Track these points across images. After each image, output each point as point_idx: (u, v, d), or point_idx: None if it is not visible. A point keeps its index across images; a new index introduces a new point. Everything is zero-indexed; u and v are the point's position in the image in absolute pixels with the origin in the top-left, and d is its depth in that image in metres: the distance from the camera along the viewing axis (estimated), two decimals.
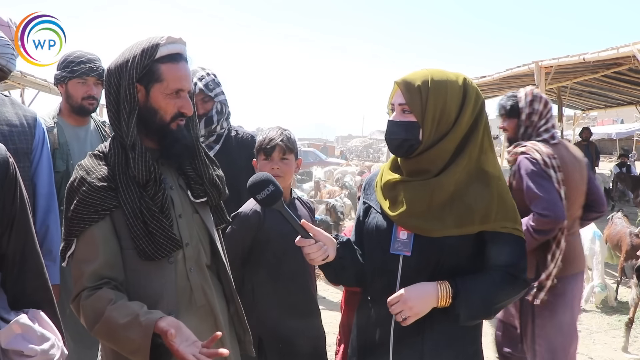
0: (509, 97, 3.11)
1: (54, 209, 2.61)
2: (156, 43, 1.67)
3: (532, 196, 2.81)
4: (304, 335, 2.44)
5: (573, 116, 20.17)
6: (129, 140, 1.66)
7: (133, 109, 1.65)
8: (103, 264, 1.59)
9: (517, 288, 1.75)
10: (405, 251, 1.75)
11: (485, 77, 11.74)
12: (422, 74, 1.75)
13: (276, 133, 2.49)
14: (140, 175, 1.65)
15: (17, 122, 2.44)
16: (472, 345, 1.83)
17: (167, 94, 1.68)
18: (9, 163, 1.50)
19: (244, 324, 1.95)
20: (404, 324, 1.68)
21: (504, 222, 1.71)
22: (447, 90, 1.71)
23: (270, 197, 1.73)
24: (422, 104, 1.70)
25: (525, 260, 1.80)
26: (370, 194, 1.94)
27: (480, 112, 1.76)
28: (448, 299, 1.66)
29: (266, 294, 2.39)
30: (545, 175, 2.83)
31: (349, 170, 17.14)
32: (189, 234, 1.77)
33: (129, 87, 1.65)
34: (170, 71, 1.68)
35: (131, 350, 1.50)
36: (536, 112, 3.02)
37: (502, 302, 1.76)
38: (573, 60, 8.51)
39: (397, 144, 1.76)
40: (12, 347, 1.37)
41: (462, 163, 1.71)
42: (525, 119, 3.03)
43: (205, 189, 1.83)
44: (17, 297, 1.54)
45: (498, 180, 1.76)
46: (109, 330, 1.53)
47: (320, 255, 1.75)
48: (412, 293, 1.67)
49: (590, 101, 15.86)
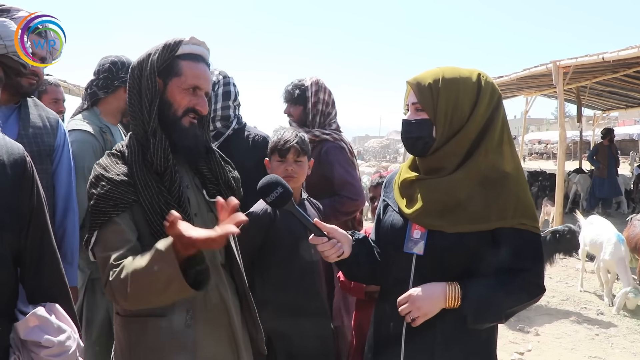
0: (295, 85, 3.29)
1: (73, 210, 2.63)
2: (179, 40, 1.75)
3: (343, 182, 3.10)
4: (312, 335, 2.45)
5: (593, 117, 19.91)
6: (151, 127, 1.71)
7: (155, 97, 1.71)
8: (127, 250, 1.59)
9: (532, 294, 1.73)
10: (417, 250, 1.74)
11: (503, 77, 11.64)
12: (433, 72, 1.76)
13: (291, 135, 2.51)
14: (159, 161, 1.69)
15: (40, 124, 2.49)
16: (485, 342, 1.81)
17: (184, 89, 1.73)
18: (27, 162, 1.54)
19: (257, 322, 1.97)
20: (413, 324, 1.69)
21: (522, 219, 1.68)
22: (459, 87, 1.71)
23: (280, 199, 1.76)
24: (434, 101, 1.71)
25: (542, 264, 1.78)
26: (389, 192, 1.95)
27: (497, 107, 1.75)
28: (457, 300, 1.65)
29: (275, 293, 2.40)
30: (352, 163, 3.23)
31: (365, 171, 17.12)
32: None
33: (150, 77, 1.71)
34: (190, 68, 1.74)
35: (166, 282, 1.42)
36: (322, 101, 3.27)
37: (514, 308, 1.73)
38: (592, 60, 8.39)
39: (411, 142, 1.77)
40: (30, 337, 1.42)
41: (478, 159, 1.70)
42: (312, 107, 3.25)
43: (220, 189, 1.86)
44: (35, 291, 1.59)
45: (517, 177, 1.74)
46: (140, 281, 1.47)
47: (334, 252, 1.76)
48: (421, 293, 1.67)
49: (610, 101, 15.63)
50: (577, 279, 6.91)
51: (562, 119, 9.68)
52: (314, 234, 1.76)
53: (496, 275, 1.69)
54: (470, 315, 1.66)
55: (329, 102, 3.30)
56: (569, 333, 5.30)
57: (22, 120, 2.42)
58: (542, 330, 5.32)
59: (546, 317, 5.74)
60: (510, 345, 4.93)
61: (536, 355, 4.75)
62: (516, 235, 1.68)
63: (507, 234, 1.68)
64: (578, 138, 16.85)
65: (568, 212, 11.35)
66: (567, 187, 12.16)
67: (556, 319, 5.68)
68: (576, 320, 5.64)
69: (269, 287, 2.42)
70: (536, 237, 1.73)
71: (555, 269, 7.06)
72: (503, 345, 4.84)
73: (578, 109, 13.92)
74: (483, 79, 1.75)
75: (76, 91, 13.34)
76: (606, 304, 6.15)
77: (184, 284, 1.40)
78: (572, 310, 5.98)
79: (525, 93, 15.09)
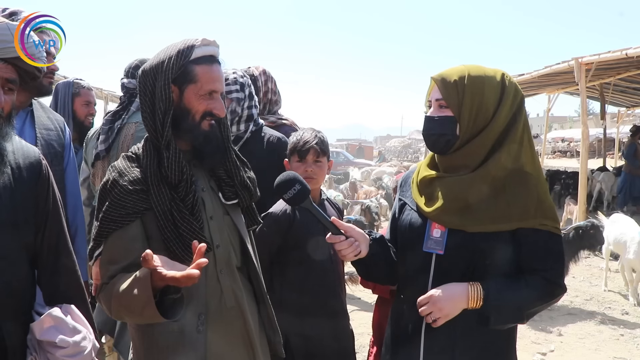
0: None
1: (81, 208, 2.73)
2: (191, 44, 1.69)
3: None
4: (331, 336, 2.44)
5: (617, 114, 19.54)
6: (164, 140, 1.69)
7: (168, 109, 1.67)
8: (128, 265, 1.61)
9: (553, 294, 1.71)
10: (438, 249, 1.72)
11: (524, 75, 11.49)
12: (459, 69, 1.74)
13: (310, 135, 2.49)
14: (173, 175, 1.67)
15: (51, 126, 2.56)
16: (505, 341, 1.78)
17: (201, 95, 1.71)
18: (42, 165, 1.57)
19: (274, 325, 1.96)
20: (434, 325, 1.67)
21: (543, 220, 1.67)
22: (484, 85, 1.70)
23: (298, 196, 1.75)
24: (459, 98, 1.69)
25: (562, 264, 1.76)
26: (406, 191, 1.93)
27: (520, 108, 1.73)
28: (479, 301, 1.63)
29: (294, 294, 2.40)
30: None
31: (386, 171, 17.08)
32: (220, 236, 1.79)
33: (164, 88, 1.67)
34: (205, 73, 1.70)
35: (141, 307, 1.45)
36: (271, 91, 3.31)
37: (535, 308, 1.72)
38: (615, 56, 8.23)
39: (434, 139, 1.75)
40: (46, 338, 1.44)
41: (500, 159, 1.68)
42: (263, 97, 3.27)
43: (236, 191, 1.84)
44: (52, 293, 1.62)
45: (537, 178, 1.73)
46: (120, 301, 1.52)
47: (351, 251, 1.74)
48: (442, 294, 1.65)
49: (635, 98, 15.31)
50: (601, 278, 6.80)
51: (585, 117, 9.51)
52: (332, 233, 1.74)
53: (517, 275, 1.69)
54: (493, 316, 1.64)
55: (276, 90, 3.37)
56: (592, 333, 5.21)
57: (36, 123, 2.47)
58: (565, 331, 5.24)
59: (569, 317, 5.65)
60: (532, 345, 4.86)
61: (559, 356, 4.68)
62: (537, 236, 1.67)
63: (528, 234, 1.67)
64: (602, 135, 16.56)
65: (592, 210, 11.17)
66: (591, 185, 11.95)
67: (580, 319, 5.59)
68: (600, 320, 5.54)
69: (287, 288, 2.41)
70: (557, 238, 1.71)
71: (579, 268, 6.95)
72: (525, 346, 4.78)
73: (602, 106, 13.66)
74: (507, 79, 1.74)
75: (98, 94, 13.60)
76: (631, 303, 6.03)
77: (155, 311, 1.43)
78: (596, 310, 5.88)
79: (548, 91, 14.88)
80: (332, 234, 1.74)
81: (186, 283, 1.37)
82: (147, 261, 1.36)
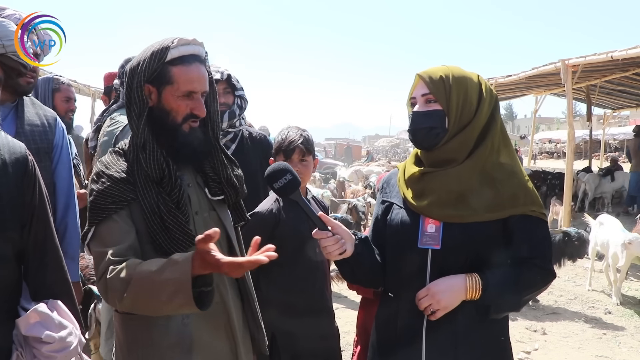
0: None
1: (73, 207, 2.67)
2: (166, 46, 1.67)
3: None
4: (317, 334, 2.45)
5: (603, 115, 19.75)
6: (140, 140, 1.70)
7: (142, 111, 1.68)
8: (126, 247, 1.60)
9: (545, 280, 1.76)
10: (434, 244, 1.73)
11: (512, 76, 11.59)
12: (442, 68, 1.80)
13: (296, 135, 2.50)
14: (153, 172, 1.68)
15: (38, 122, 2.52)
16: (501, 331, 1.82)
17: (178, 96, 1.70)
18: (28, 160, 1.57)
19: (258, 322, 1.96)
20: (432, 318, 1.69)
21: (532, 206, 1.73)
22: (467, 82, 1.77)
23: (288, 186, 1.74)
24: (447, 92, 1.74)
25: (551, 250, 1.82)
26: (391, 192, 1.94)
27: (496, 106, 1.81)
28: (477, 291, 1.66)
29: (280, 293, 2.41)
30: None
31: (374, 170, 17.12)
32: (205, 231, 1.78)
33: (137, 90, 1.68)
34: (181, 74, 1.68)
35: (171, 292, 1.41)
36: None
37: (530, 295, 1.78)
38: (601, 59, 8.32)
39: (424, 133, 1.77)
40: (31, 333, 1.44)
41: (485, 152, 1.74)
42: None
43: (222, 187, 1.85)
44: (38, 288, 1.61)
45: (519, 169, 1.80)
46: (142, 285, 1.46)
47: (337, 249, 1.72)
48: (440, 286, 1.67)
49: (621, 100, 15.50)
50: (585, 278, 6.88)
51: (571, 118, 9.61)
52: (318, 228, 1.73)
53: (511, 264, 1.72)
54: (493, 305, 1.68)
55: None
56: (576, 332, 5.28)
57: (19, 118, 2.44)
58: (550, 330, 5.29)
59: (553, 316, 5.72)
60: (517, 344, 4.90)
61: (543, 355, 4.73)
62: (527, 222, 1.73)
63: (519, 221, 1.72)
64: (588, 137, 16.70)
65: (577, 210, 11.27)
66: (576, 186, 12.05)
67: (564, 318, 5.66)
68: (584, 320, 5.62)
69: (273, 287, 2.42)
70: (545, 224, 1.78)
71: (564, 268, 7.01)
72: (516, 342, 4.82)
73: (588, 108, 13.78)
74: (482, 81, 1.81)
75: (86, 91, 13.46)
76: (614, 302, 6.11)
77: (190, 298, 1.40)
78: (579, 310, 5.95)
79: (535, 92, 15.01)
80: (319, 230, 1.73)
81: (236, 273, 1.38)
82: (206, 240, 1.35)
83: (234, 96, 3.01)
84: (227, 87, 3.00)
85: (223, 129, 2.93)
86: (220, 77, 2.96)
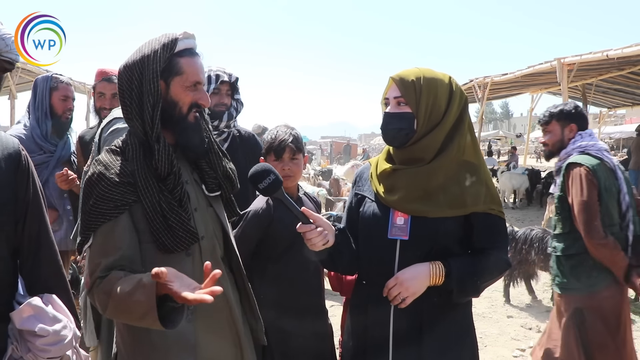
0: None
1: None
2: (175, 37, 1.72)
3: None
4: (310, 332, 2.46)
5: (599, 114, 19.82)
6: (154, 133, 1.69)
7: (157, 102, 1.68)
8: (120, 257, 1.61)
9: (501, 269, 1.96)
10: (402, 235, 1.87)
11: (507, 75, 11.63)
12: (414, 71, 1.91)
13: (285, 133, 2.51)
14: (163, 168, 1.68)
15: None
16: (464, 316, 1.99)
17: (187, 87, 1.73)
18: (21, 156, 1.57)
19: (256, 313, 1.99)
20: (402, 305, 1.82)
21: (492, 205, 1.89)
22: (437, 86, 1.87)
23: (272, 186, 1.80)
24: (417, 96, 1.85)
25: (507, 243, 2.02)
26: (363, 185, 2.08)
27: (465, 108, 1.94)
28: (441, 277, 1.80)
29: (273, 290, 2.40)
30: None
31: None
32: (205, 228, 1.81)
33: (152, 81, 1.67)
34: (189, 64, 1.73)
35: (141, 313, 1.45)
36: None
37: (488, 281, 1.92)
38: (596, 57, 8.37)
39: (393, 133, 1.90)
40: (25, 327, 1.45)
41: (452, 152, 1.86)
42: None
43: (219, 182, 1.87)
44: (33, 282, 1.62)
45: (483, 169, 1.94)
46: (119, 303, 1.50)
47: (320, 240, 1.82)
48: (407, 275, 1.81)
49: (617, 99, 15.58)
50: None
51: None
52: (302, 222, 1.82)
53: (471, 254, 1.91)
54: (455, 289, 1.82)
55: None
56: None
57: None
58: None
59: (547, 314, 5.71)
60: (512, 342, 4.93)
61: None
62: (487, 219, 1.89)
63: (480, 217, 1.87)
64: None
65: None
66: None
67: None
68: None
69: (266, 285, 2.42)
70: (503, 221, 1.95)
71: None
72: (505, 342, 4.85)
73: (583, 107, 13.81)
74: (453, 83, 1.92)
75: (81, 88, 13.43)
76: None
77: (156, 320, 1.43)
78: None
79: (531, 91, 15.07)
80: (302, 224, 1.82)
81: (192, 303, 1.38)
82: (160, 278, 1.35)
83: (232, 99, 3.05)
84: (229, 90, 3.04)
85: (219, 129, 2.96)
86: (229, 78, 3.00)
